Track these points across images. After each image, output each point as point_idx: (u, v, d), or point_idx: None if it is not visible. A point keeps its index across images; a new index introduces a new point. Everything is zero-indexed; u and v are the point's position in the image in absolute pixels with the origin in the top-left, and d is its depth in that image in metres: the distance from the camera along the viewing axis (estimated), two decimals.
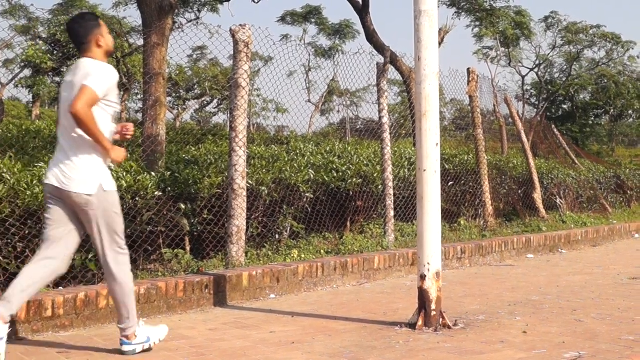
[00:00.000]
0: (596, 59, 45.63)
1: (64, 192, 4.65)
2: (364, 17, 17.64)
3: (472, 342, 5.02)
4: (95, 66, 4.79)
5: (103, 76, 4.74)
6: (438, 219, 5.59)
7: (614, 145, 62.50)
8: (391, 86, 39.03)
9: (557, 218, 14.58)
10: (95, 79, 4.66)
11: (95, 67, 4.77)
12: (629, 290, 7.62)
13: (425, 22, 5.59)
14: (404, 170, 10.89)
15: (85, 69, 4.76)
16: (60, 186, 4.65)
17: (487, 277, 8.76)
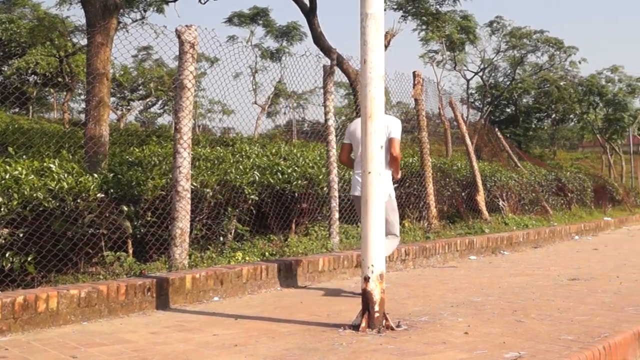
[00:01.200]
0: (539, 64, 46.22)
1: None
2: (311, 20, 17.66)
3: (415, 343, 5.05)
4: None
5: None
6: (382, 221, 5.60)
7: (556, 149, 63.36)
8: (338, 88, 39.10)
9: (499, 220, 14.76)
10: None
11: None
12: (569, 291, 7.73)
13: (372, 25, 5.60)
14: (349, 172, 10.93)
15: None
16: None
17: (430, 279, 8.82)
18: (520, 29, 43.08)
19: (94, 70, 9.19)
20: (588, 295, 7.36)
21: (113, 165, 8.17)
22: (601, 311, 6.38)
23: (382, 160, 5.62)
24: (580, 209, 21.80)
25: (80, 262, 7.21)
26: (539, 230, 14.48)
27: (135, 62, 39.64)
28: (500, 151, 20.88)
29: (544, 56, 45.34)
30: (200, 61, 32.04)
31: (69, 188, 7.00)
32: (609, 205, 26.14)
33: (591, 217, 21.18)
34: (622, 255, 12.13)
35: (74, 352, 4.86)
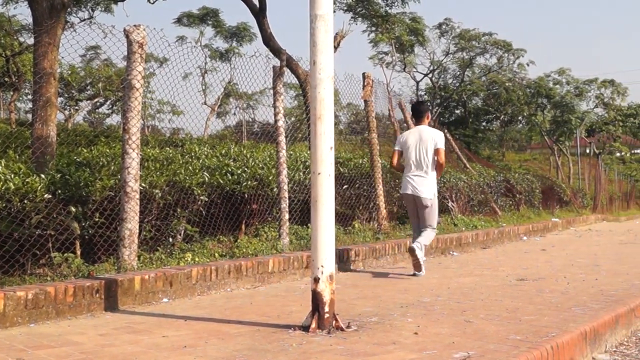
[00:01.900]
0: (488, 66, 46.64)
1: None
2: (261, 20, 17.63)
3: (364, 343, 5.06)
4: None
5: None
6: (332, 222, 5.60)
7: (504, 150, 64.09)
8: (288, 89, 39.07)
9: (448, 221, 14.86)
10: None
11: None
12: (517, 291, 7.80)
13: (321, 27, 5.60)
14: (300, 174, 10.93)
15: None
16: None
17: (380, 279, 8.85)
18: (469, 31, 43.45)
19: (41, 70, 9.09)
20: (536, 296, 7.44)
21: (61, 166, 8.07)
22: (549, 311, 6.44)
23: (332, 162, 5.62)
24: (528, 210, 22.04)
25: (28, 263, 7.12)
26: (487, 231, 14.60)
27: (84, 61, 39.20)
28: (449, 152, 20.99)
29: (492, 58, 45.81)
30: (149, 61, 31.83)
31: (16, 189, 6.91)
32: (557, 206, 26.47)
33: (539, 218, 21.42)
34: (569, 256, 12.28)
35: (20, 354, 4.79)
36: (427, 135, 9.50)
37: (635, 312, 6.86)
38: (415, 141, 9.53)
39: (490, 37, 43.67)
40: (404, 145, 9.67)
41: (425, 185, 9.50)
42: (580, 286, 8.20)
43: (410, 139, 9.61)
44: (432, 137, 9.48)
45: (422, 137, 9.51)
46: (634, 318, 6.80)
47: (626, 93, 54.87)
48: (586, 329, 5.62)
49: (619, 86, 53.80)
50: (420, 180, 9.49)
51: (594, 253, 12.92)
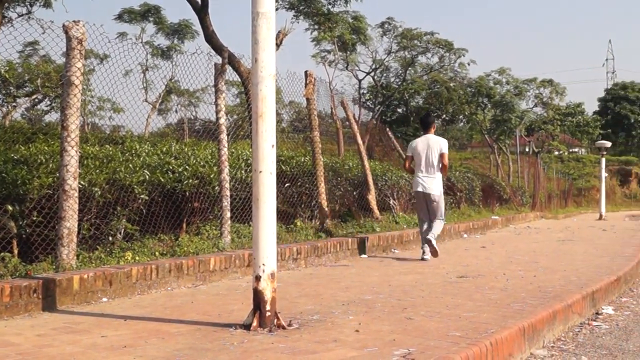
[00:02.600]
0: (430, 65, 46.91)
1: None
2: (202, 18, 17.51)
3: (306, 341, 5.06)
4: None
5: None
6: (273, 220, 5.60)
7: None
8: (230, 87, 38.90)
9: (390, 219, 14.93)
10: None
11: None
12: (457, 288, 7.87)
13: (263, 24, 5.59)
14: (241, 172, 10.88)
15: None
16: None
17: (322, 278, 8.87)
18: (411, 30, 43.60)
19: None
20: (476, 292, 7.51)
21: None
22: (488, 308, 6.51)
23: (274, 160, 5.62)
24: (469, 207, 22.24)
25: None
26: None
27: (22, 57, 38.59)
28: (391, 150, 21.14)
29: (434, 57, 46.02)
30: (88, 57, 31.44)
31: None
32: (497, 204, 26.74)
33: (479, 215, 21.62)
34: (509, 253, 12.42)
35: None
36: (434, 143, 11.53)
37: (572, 308, 6.97)
38: (424, 147, 11.50)
39: (432, 36, 43.87)
40: (414, 151, 11.64)
41: (434, 184, 11.46)
42: (519, 283, 8.30)
43: (420, 145, 11.59)
44: (439, 143, 11.54)
45: (430, 144, 11.50)
46: (571, 314, 6.91)
47: (564, 93, 55.62)
48: (524, 325, 5.69)
49: (558, 86, 54.51)
50: (430, 180, 11.44)
51: (532, 250, 13.08)
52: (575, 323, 7.02)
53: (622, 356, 5.79)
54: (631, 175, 79.99)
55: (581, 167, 75.24)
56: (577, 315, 7.10)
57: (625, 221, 32.38)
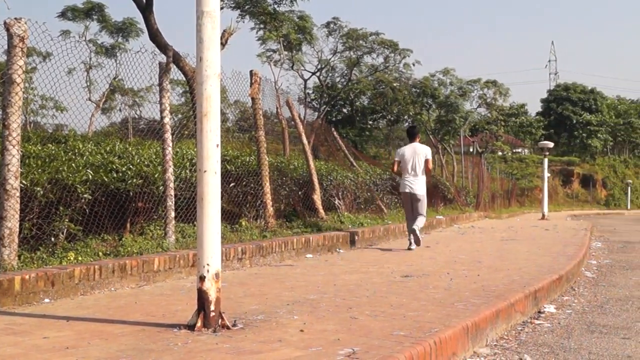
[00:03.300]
0: (375, 65, 47.05)
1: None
2: (147, 16, 17.35)
3: (250, 341, 5.05)
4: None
5: None
6: (218, 219, 5.58)
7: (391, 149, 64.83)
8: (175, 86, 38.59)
9: (335, 218, 14.96)
10: None
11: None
12: (402, 287, 7.91)
13: (207, 23, 5.57)
14: (186, 171, 10.82)
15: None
16: None
17: (266, 277, 8.85)
18: (356, 30, 43.68)
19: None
20: (420, 292, 7.56)
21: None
22: (432, 307, 6.56)
23: (218, 159, 5.59)
24: None
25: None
26: (373, 229, 14.77)
27: None
28: (336, 150, 21.17)
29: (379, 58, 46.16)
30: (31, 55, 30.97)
31: None
32: (441, 204, 26.97)
33: None
34: (453, 253, 12.53)
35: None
36: (420, 150, 13.51)
37: (515, 307, 7.05)
38: (411, 154, 13.44)
39: (377, 36, 43.97)
40: (402, 157, 13.57)
41: (419, 185, 13.37)
42: (462, 282, 8.37)
43: (407, 152, 13.53)
44: (424, 151, 13.54)
45: (417, 151, 13.48)
46: (513, 312, 6.99)
47: (508, 93, 56.18)
48: (468, 324, 5.74)
49: (501, 87, 55.05)
50: (415, 181, 13.35)
51: (476, 250, 13.21)
52: (518, 322, 7.11)
53: (564, 354, 5.87)
54: (573, 175, 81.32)
55: (524, 168, 76.24)
56: (519, 314, 7.18)
57: (567, 221, 32.90)
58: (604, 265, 12.99)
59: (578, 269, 11.20)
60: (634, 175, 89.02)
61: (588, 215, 53.76)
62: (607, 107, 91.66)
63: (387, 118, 53.39)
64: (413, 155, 13.40)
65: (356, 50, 44.85)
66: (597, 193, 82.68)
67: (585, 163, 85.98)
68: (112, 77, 36.34)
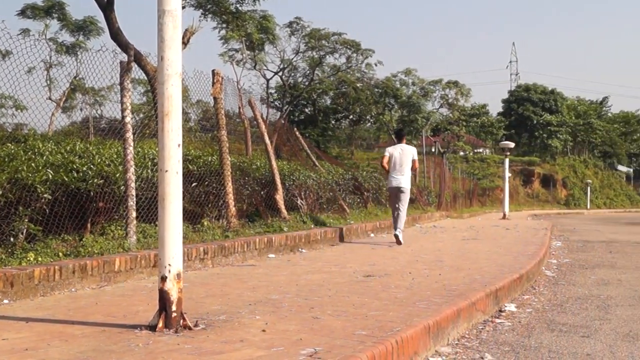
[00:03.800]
0: (337, 65, 47.13)
1: None
2: (108, 15, 17.29)
3: (212, 342, 5.03)
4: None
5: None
6: (179, 220, 5.55)
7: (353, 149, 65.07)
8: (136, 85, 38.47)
9: (298, 218, 14.95)
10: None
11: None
12: (364, 287, 7.93)
13: (169, 22, 5.54)
14: (148, 171, 10.74)
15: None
16: None
17: (229, 278, 8.83)
18: (319, 30, 43.76)
19: None
20: (382, 291, 7.58)
21: None
22: (394, 306, 6.58)
23: (180, 159, 5.57)
24: (376, 207, 22.43)
25: None
26: (336, 229, 14.79)
27: None
28: (299, 150, 21.17)
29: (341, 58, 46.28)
30: None
31: None
32: None
33: (386, 215, 21.79)
34: (415, 252, 12.58)
35: None
36: (407, 150, 15.05)
37: (476, 306, 7.09)
38: (400, 153, 14.99)
39: (339, 36, 44.08)
40: (391, 156, 15.12)
41: (405, 180, 14.96)
42: (424, 281, 8.41)
43: (396, 152, 15.07)
44: (411, 151, 15.12)
45: (404, 151, 15.02)
46: (474, 311, 7.03)
47: (469, 94, 56.65)
48: (429, 323, 5.77)
49: (463, 87, 55.46)
50: (402, 177, 14.92)
51: (438, 249, 13.28)
52: (479, 320, 7.16)
53: (524, 352, 5.92)
54: (534, 175, 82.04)
55: (485, 168, 76.74)
56: (480, 313, 7.23)
57: (528, 220, 33.19)
58: (564, 265, 13.12)
59: (538, 268, 11.29)
60: (593, 175, 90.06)
61: (548, 215, 54.30)
62: (567, 108, 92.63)
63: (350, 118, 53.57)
64: (401, 155, 14.96)
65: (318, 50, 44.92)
66: (558, 193, 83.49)
67: (546, 163, 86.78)
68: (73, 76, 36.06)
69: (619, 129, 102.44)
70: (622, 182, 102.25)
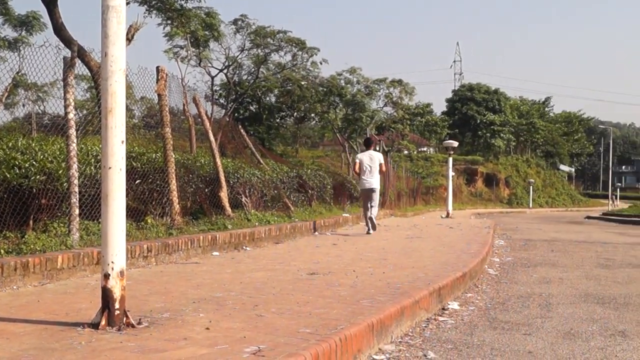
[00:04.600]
0: (282, 63, 47.08)
1: None
2: (52, 10, 17.10)
3: (156, 340, 5.02)
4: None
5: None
6: (123, 217, 5.52)
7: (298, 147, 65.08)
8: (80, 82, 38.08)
9: (242, 216, 14.94)
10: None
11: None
12: (308, 285, 7.95)
13: (113, 18, 5.51)
14: (91, 168, 10.65)
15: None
16: None
17: (172, 275, 8.79)
18: (264, 28, 43.65)
19: None
20: (326, 289, 7.61)
21: None
22: (338, 304, 6.61)
23: (123, 156, 5.54)
24: (320, 205, 22.49)
25: None
26: (280, 226, 14.80)
27: None
28: (243, 148, 21.13)
29: (287, 56, 46.21)
30: None
31: None
32: (348, 202, 27.16)
33: (331, 213, 21.90)
34: (359, 250, 12.64)
35: None
36: (375, 156, 17.74)
37: (420, 304, 7.16)
38: (369, 159, 17.64)
39: (285, 34, 44.00)
40: (361, 161, 17.67)
41: (375, 182, 17.62)
42: (368, 280, 8.46)
43: (366, 158, 17.72)
44: (378, 157, 17.81)
45: (372, 157, 17.72)
46: (418, 309, 7.09)
47: (414, 93, 56.91)
48: (373, 321, 5.81)
49: (407, 86, 55.72)
50: (373, 179, 17.58)
51: (382, 247, 13.35)
52: (423, 318, 7.22)
53: (467, 350, 5.99)
54: (477, 174, 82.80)
55: (429, 166, 77.22)
56: (424, 311, 7.30)
57: (471, 219, 33.54)
58: (507, 263, 13.29)
59: (481, 266, 11.43)
60: (536, 175, 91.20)
61: (491, 214, 54.91)
62: (510, 108, 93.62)
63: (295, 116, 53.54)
64: (370, 160, 17.59)
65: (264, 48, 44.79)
66: (500, 192, 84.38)
67: (489, 162, 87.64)
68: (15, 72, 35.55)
69: (561, 128, 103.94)
70: (564, 182, 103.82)
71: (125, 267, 5.53)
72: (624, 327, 7.12)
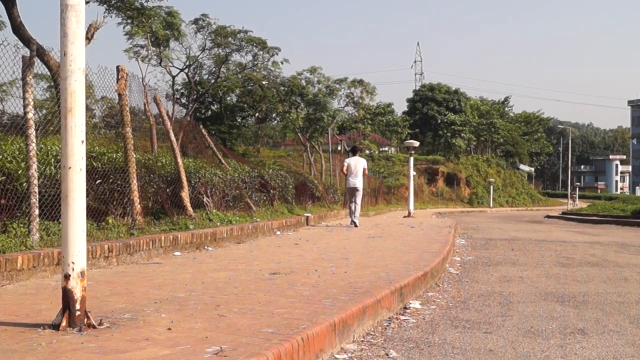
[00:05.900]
0: (243, 63, 46.95)
1: None
2: (10, 8, 16.91)
3: (117, 340, 4.99)
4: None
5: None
6: (83, 217, 5.49)
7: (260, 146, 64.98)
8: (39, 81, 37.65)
9: (204, 216, 14.90)
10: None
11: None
12: (270, 285, 7.95)
13: (72, 17, 5.47)
14: (51, 168, 10.56)
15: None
16: None
17: (134, 276, 8.75)
18: (225, 27, 43.48)
19: None
20: (288, 289, 7.62)
21: None
22: (300, 304, 6.62)
23: (83, 156, 5.51)
24: (282, 205, 22.48)
25: None
26: (242, 226, 14.79)
27: None
28: (205, 148, 21.06)
29: (248, 55, 46.06)
30: None
31: None
32: (310, 201, 27.18)
33: (292, 213, 21.92)
34: (321, 250, 12.66)
35: None
36: (360, 162, 21.63)
37: (381, 303, 7.18)
38: (355, 163, 21.50)
39: (245, 34, 43.84)
40: (349, 165, 21.48)
41: (359, 182, 21.45)
42: (330, 279, 8.48)
43: (352, 162, 21.57)
44: (362, 162, 21.69)
45: (358, 162, 21.59)
46: (380, 309, 7.12)
47: (374, 92, 57.01)
48: (335, 321, 5.83)
49: (368, 86, 55.81)
50: (357, 180, 21.43)
51: (344, 247, 13.38)
52: (384, 317, 7.25)
53: (428, 349, 6.02)
54: (438, 174, 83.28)
55: (391, 166, 77.46)
56: (386, 310, 7.33)
57: (433, 218, 33.73)
58: (467, 262, 13.38)
59: (442, 265, 11.49)
60: (496, 174, 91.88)
61: (452, 213, 55.28)
62: (470, 108, 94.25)
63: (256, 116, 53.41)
64: (356, 164, 21.52)
65: (225, 48, 44.62)
66: (461, 191, 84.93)
67: (450, 162, 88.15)
68: None
69: (521, 128, 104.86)
70: (524, 181, 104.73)
71: (86, 267, 5.49)
72: (583, 324, 7.20)
